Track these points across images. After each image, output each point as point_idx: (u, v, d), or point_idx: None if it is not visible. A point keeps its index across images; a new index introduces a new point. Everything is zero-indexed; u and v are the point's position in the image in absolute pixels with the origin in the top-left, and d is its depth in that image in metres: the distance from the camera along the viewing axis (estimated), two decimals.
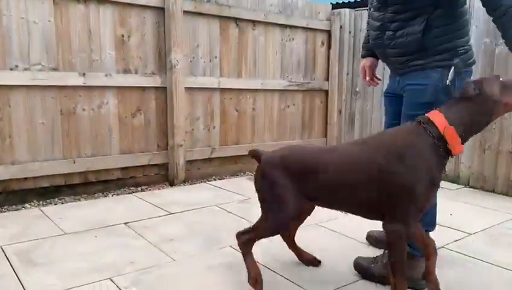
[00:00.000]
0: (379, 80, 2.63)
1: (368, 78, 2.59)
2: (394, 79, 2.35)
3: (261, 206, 1.99)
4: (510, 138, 3.81)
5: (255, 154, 2.07)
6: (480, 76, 3.95)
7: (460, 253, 2.57)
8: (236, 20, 4.40)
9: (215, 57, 4.30)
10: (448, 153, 1.78)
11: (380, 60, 2.50)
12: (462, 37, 2.12)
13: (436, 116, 1.78)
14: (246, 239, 2.05)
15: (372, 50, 2.48)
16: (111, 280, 2.16)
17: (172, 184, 4.07)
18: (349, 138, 5.35)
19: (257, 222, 2.03)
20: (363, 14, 5.03)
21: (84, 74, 3.51)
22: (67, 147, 3.54)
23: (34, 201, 3.42)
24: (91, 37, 3.55)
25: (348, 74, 5.27)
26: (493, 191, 3.96)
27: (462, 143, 1.78)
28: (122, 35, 3.72)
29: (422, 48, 2.09)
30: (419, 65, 2.13)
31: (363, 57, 2.61)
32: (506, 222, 3.15)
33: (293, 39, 4.89)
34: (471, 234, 2.88)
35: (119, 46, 3.71)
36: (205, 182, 4.25)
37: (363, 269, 2.22)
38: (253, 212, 3.24)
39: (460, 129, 1.75)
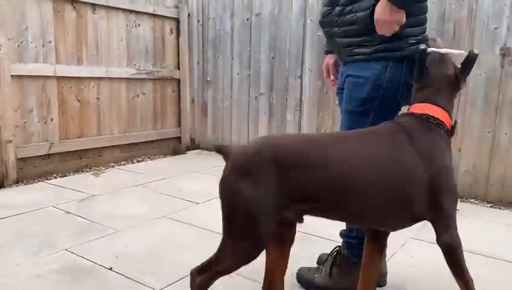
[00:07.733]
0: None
1: (332, 76, 2.18)
2: (341, 71, 2.02)
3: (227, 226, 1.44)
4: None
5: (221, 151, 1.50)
6: None
7: None
8: (73, 2, 4.01)
9: (49, 42, 3.86)
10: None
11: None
12: (418, 24, 1.78)
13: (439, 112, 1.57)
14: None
15: None
16: None
17: (1, 186, 3.56)
18: (203, 128, 5.35)
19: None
20: (210, 2, 5.02)
21: None
22: None
23: None
24: None
25: (198, 62, 5.23)
26: None
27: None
28: None
29: (369, 31, 1.74)
30: (364, 54, 1.80)
31: (326, 53, 2.20)
32: None
33: (139, 25, 4.66)
34: None
35: None
36: (43, 181, 3.82)
37: (306, 282, 2.05)
38: (95, 211, 3.01)
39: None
